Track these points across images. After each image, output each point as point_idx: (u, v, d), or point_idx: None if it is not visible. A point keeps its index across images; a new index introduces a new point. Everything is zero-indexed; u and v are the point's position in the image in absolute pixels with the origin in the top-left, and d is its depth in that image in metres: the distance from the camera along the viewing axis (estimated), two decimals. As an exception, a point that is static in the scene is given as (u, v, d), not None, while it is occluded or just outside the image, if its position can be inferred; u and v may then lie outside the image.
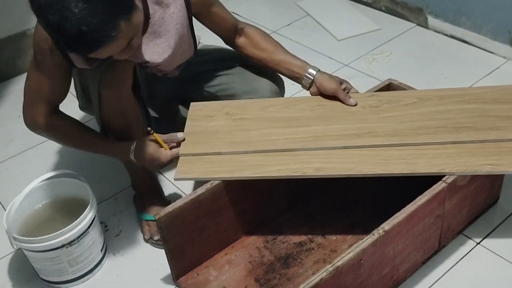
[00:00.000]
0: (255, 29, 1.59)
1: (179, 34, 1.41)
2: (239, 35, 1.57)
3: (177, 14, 1.38)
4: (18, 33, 2.32)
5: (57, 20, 1.08)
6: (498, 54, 2.17)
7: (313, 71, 1.50)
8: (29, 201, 1.49)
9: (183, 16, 1.40)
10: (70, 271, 1.45)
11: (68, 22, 1.08)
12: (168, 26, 1.37)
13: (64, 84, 1.39)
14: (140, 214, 1.62)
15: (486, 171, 1.28)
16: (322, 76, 1.50)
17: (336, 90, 1.49)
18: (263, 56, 1.55)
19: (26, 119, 1.42)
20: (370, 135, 1.39)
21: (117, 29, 1.13)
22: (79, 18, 1.08)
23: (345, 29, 2.44)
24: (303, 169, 1.32)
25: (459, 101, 1.46)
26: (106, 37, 1.12)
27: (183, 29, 1.41)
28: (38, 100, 1.38)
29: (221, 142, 1.42)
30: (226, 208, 1.41)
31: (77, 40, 1.10)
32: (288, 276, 1.40)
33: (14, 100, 2.23)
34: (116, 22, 1.12)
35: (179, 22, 1.39)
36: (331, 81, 1.50)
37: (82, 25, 1.08)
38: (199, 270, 1.44)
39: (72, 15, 1.07)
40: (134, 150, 1.41)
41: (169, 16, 1.37)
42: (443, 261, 1.42)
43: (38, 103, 1.38)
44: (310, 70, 1.51)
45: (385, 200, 1.51)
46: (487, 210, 1.53)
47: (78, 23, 1.08)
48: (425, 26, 2.39)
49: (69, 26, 1.08)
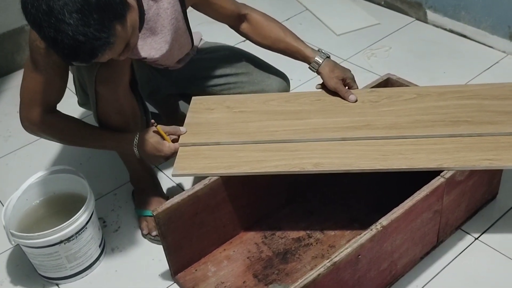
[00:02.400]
0: (259, 14, 1.57)
1: (175, 28, 1.40)
2: (242, 21, 1.56)
3: (171, 9, 1.37)
4: (17, 28, 2.32)
5: (54, 33, 1.08)
6: (497, 48, 2.16)
7: (316, 64, 1.50)
8: (27, 197, 1.49)
9: (177, 10, 1.39)
10: (69, 267, 1.45)
11: (65, 34, 1.08)
12: (163, 21, 1.37)
13: (61, 83, 1.38)
14: (138, 210, 1.62)
15: (485, 166, 1.28)
16: (324, 71, 1.50)
17: (335, 88, 1.49)
18: (267, 43, 1.56)
19: (23, 121, 1.40)
20: (368, 128, 1.39)
21: (114, 34, 1.12)
22: (75, 30, 1.07)
23: (344, 23, 2.43)
24: (302, 165, 1.32)
25: (458, 97, 1.46)
26: (104, 44, 1.12)
27: (178, 23, 1.41)
28: (35, 100, 1.36)
29: (220, 133, 1.43)
30: (224, 203, 1.41)
31: (75, 51, 1.10)
32: (287, 271, 1.40)
33: (12, 96, 2.23)
34: (112, 27, 1.12)
35: (174, 16, 1.39)
36: (331, 78, 1.49)
37: (78, 36, 1.08)
38: (197, 266, 1.44)
39: (67, 27, 1.07)
40: (137, 141, 1.39)
41: (163, 12, 1.36)
42: (442, 256, 1.42)
43: (35, 103, 1.37)
44: (313, 64, 1.50)
45: (384, 196, 1.50)
46: (485, 205, 1.53)
47: (74, 34, 1.08)
48: (424, 21, 2.38)
49: (66, 39, 1.08)
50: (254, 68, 1.62)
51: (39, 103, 1.37)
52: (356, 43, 2.30)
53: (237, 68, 1.63)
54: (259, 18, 1.56)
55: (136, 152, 1.40)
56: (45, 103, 1.37)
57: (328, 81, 1.49)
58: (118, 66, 1.34)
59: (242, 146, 1.39)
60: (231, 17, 1.54)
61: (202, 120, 1.48)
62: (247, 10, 1.57)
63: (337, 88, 1.49)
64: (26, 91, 1.37)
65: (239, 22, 1.56)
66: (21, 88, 1.38)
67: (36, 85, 1.35)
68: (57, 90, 1.38)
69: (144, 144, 1.38)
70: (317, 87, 1.55)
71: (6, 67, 2.36)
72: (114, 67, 1.34)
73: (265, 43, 1.56)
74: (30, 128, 1.41)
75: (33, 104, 1.37)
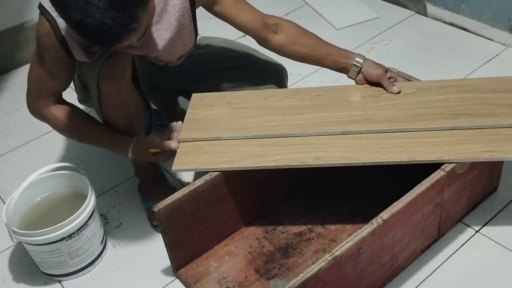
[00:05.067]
0: (290, 23, 1.51)
1: (181, 25, 1.40)
2: (274, 32, 1.48)
3: (180, 6, 1.37)
4: (16, 25, 2.32)
5: (80, 16, 1.08)
6: (497, 41, 2.16)
7: (360, 60, 1.49)
8: (28, 195, 1.49)
9: (186, 7, 1.39)
10: (71, 264, 1.45)
11: (92, 17, 1.08)
12: (170, 18, 1.36)
13: (67, 77, 1.39)
14: (145, 202, 1.62)
15: (485, 157, 1.28)
16: (368, 63, 1.49)
17: (381, 76, 1.47)
18: (306, 52, 1.50)
19: (29, 106, 1.42)
20: (368, 121, 1.39)
21: (138, 20, 1.13)
22: (104, 13, 1.08)
23: (343, 18, 2.43)
24: (302, 159, 1.32)
25: (458, 91, 1.45)
26: (130, 29, 1.13)
27: (185, 21, 1.40)
28: (41, 91, 1.38)
29: (221, 128, 1.43)
30: (226, 199, 1.41)
31: (100, 35, 1.11)
32: (288, 266, 1.41)
33: (12, 93, 2.23)
34: (137, 13, 1.12)
35: (181, 13, 1.38)
36: (377, 67, 1.49)
37: (106, 20, 1.09)
38: (199, 261, 1.44)
39: (96, 11, 1.08)
40: (131, 151, 1.42)
41: (172, 8, 1.36)
42: (443, 249, 1.42)
43: (41, 94, 1.39)
44: (357, 59, 1.49)
45: (385, 189, 1.50)
46: (486, 198, 1.53)
47: (103, 18, 1.08)
48: (424, 14, 2.37)
49: (94, 22, 1.09)
50: (252, 61, 1.62)
51: (44, 94, 1.39)
52: (356, 37, 2.29)
53: (235, 61, 1.62)
54: (293, 27, 1.50)
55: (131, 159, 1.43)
56: (50, 95, 1.39)
57: (374, 71, 1.47)
58: (120, 62, 1.35)
59: (242, 141, 1.39)
60: (255, 25, 1.46)
61: (202, 116, 1.48)
62: (276, 19, 1.50)
63: (382, 77, 1.47)
64: (32, 81, 1.39)
65: (269, 33, 1.48)
66: (28, 76, 1.40)
67: (42, 77, 1.36)
68: (63, 82, 1.39)
69: (137, 153, 1.41)
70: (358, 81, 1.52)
71: (6, 64, 2.35)
72: (117, 63, 1.34)
73: (303, 51, 1.49)
74: (35, 114, 1.43)
75: (39, 94, 1.39)
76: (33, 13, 2.31)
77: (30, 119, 1.46)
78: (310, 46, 1.50)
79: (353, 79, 1.52)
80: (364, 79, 1.50)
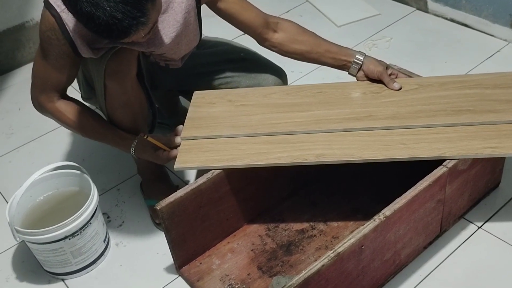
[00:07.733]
0: (289, 22, 1.53)
1: (187, 23, 1.40)
2: (274, 31, 1.50)
3: (186, 3, 1.37)
4: (17, 25, 2.32)
5: (91, 8, 1.09)
6: (498, 37, 2.15)
7: (361, 57, 1.49)
8: (30, 194, 1.49)
9: (191, 5, 1.39)
10: (74, 262, 1.45)
11: (102, 10, 1.08)
12: (176, 15, 1.36)
13: (70, 71, 1.38)
14: (148, 200, 1.62)
15: (487, 154, 1.28)
16: (369, 60, 1.49)
17: (382, 73, 1.47)
18: (305, 49, 1.51)
19: (33, 100, 1.43)
20: (370, 118, 1.39)
21: (148, 14, 1.14)
22: (114, 6, 1.08)
23: (344, 15, 2.42)
24: (304, 156, 1.32)
25: (460, 87, 1.45)
26: (139, 23, 1.13)
27: (190, 18, 1.40)
28: (45, 85, 1.39)
29: (222, 126, 1.43)
30: (228, 197, 1.41)
31: (110, 28, 1.11)
32: (291, 263, 1.41)
33: (14, 93, 2.24)
34: (146, 7, 1.13)
35: (187, 11, 1.38)
36: (378, 64, 1.49)
37: (116, 13, 1.09)
38: (201, 259, 1.45)
39: (106, 3, 1.08)
40: (134, 148, 1.42)
41: (178, 5, 1.36)
42: (445, 246, 1.42)
43: (45, 88, 1.39)
44: (358, 56, 1.49)
45: (387, 186, 1.50)
46: (488, 194, 1.53)
47: (112, 11, 1.09)
48: (425, 10, 2.37)
49: (104, 15, 1.09)
50: (251, 63, 1.62)
51: (48, 89, 1.39)
52: (357, 34, 2.29)
53: (235, 62, 1.62)
54: (292, 26, 1.51)
55: (134, 157, 1.43)
56: (54, 90, 1.39)
57: (375, 67, 1.48)
58: (126, 60, 1.35)
59: (244, 139, 1.40)
60: (255, 24, 1.47)
61: (203, 114, 1.48)
62: (276, 19, 1.51)
63: (383, 74, 1.47)
64: (36, 76, 1.39)
65: (269, 31, 1.49)
66: (32, 71, 1.40)
67: (46, 72, 1.36)
68: (67, 76, 1.39)
69: (140, 152, 1.42)
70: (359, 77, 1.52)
71: (7, 64, 2.36)
72: (123, 60, 1.34)
73: (303, 48, 1.50)
74: (39, 108, 1.44)
75: (43, 89, 1.39)
76: (34, 12, 2.31)
77: (32, 118, 1.46)
78: (310, 44, 1.51)
79: (354, 76, 1.52)
80: (365, 76, 1.50)
